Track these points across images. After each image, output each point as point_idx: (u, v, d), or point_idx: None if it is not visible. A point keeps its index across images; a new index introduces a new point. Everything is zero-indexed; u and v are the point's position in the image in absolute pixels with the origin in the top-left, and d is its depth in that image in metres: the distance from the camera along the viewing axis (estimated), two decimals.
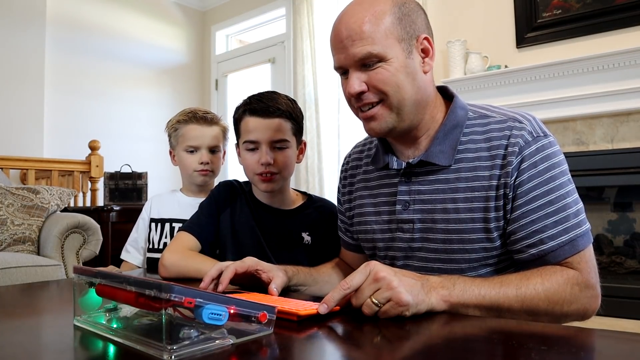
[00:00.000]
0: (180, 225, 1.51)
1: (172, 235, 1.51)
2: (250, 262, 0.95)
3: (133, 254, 1.59)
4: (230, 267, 0.92)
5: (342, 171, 1.16)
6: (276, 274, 0.93)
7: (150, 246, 1.55)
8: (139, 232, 1.60)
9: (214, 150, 1.53)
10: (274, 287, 0.89)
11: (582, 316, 0.83)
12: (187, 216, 1.49)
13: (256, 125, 1.23)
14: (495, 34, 3.10)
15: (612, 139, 2.68)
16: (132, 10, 4.50)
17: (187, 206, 1.52)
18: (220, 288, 0.90)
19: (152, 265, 1.54)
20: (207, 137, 1.51)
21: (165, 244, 1.51)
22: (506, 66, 2.98)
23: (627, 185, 2.72)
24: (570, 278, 0.81)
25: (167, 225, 1.54)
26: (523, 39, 2.98)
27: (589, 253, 0.85)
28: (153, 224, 1.56)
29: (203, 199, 1.49)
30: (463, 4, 3.24)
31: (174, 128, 1.54)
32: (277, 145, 1.24)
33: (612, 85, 2.61)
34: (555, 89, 2.78)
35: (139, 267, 1.58)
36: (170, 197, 1.60)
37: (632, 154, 2.59)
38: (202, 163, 1.50)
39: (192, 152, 1.51)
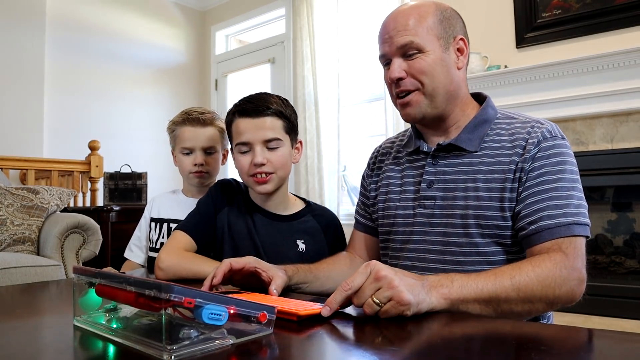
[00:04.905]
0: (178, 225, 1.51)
1: (169, 235, 1.51)
2: (248, 259, 0.95)
3: (136, 252, 1.60)
4: (226, 262, 0.93)
5: (370, 158, 1.24)
6: (276, 274, 0.93)
7: (151, 245, 1.56)
8: (141, 231, 1.61)
9: (209, 151, 1.52)
10: (274, 289, 0.89)
11: (571, 299, 0.85)
12: (184, 216, 1.50)
13: (246, 126, 1.20)
14: (495, 34, 3.10)
15: (612, 139, 2.68)
16: (132, 10, 4.50)
17: (186, 207, 1.52)
18: (215, 281, 0.90)
19: (150, 263, 1.54)
20: (200, 139, 1.50)
21: (162, 244, 1.51)
22: (506, 66, 2.98)
23: (627, 185, 2.72)
24: (559, 262, 0.85)
25: (165, 225, 1.54)
26: (523, 39, 2.98)
27: (580, 242, 0.89)
28: (153, 224, 1.57)
29: None
30: (463, 4, 3.24)
31: (171, 130, 1.55)
32: (269, 144, 1.20)
33: (612, 85, 2.61)
34: (555, 89, 2.78)
35: (142, 266, 1.59)
36: (170, 198, 1.60)
37: (631, 154, 2.58)
38: (196, 164, 1.50)
39: (187, 153, 1.51)
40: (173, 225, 1.52)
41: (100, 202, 3.55)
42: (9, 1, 3.67)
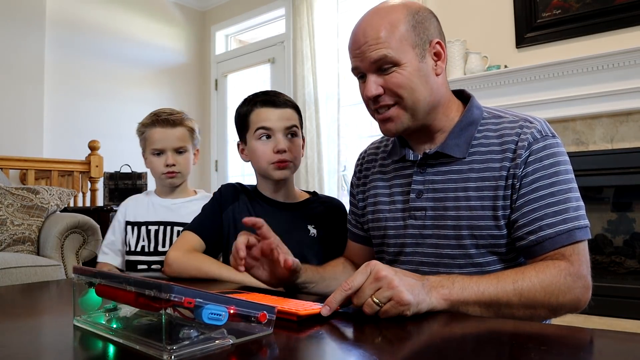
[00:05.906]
0: (156, 228, 1.52)
1: (149, 238, 1.52)
2: (275, 237, 0.94)
3: (111, 255, 1.57)
4: (245, 236, 0.92)
5: (356, 165, 1.21)
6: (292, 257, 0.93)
7: (127, 249, 1.54)
8: (116, 236, 1.57)
9: (180, 151, 1.53)
10: (291, 259, 0.90)
11: (576, 307, 0.84)
12: (162, 218, 1.52)
13: (269, 115, 1.26)
14: (494, 34, 3.10)
15: (612, 139, 2.68)
16: (132, 10, 4.50)
17: (160, 208, 1.53)
18: (241, 254, 0.89)
19: (131, 267, 1.53)
20: (170, 139, 1.51)
21: (143, 247, 1.51)
22: (506, 66, 2.98)
23: (627, 185, 2.72)
24: (563, 269, 0.83)
25: (144, 228, 1.53)
26: (523, 39, 2.98)
27: (583, 247, 0.87)
28: (129, 227, 1.55)
29: (176, 200, 1.53)
30: (463, 4, 3.24)
31: (141, 132, 1.55)
32: (289, 133, 1.27)
33: (612, 85, 2.61)
34: (555, 89, 2.78)
35: (119, 269, 1.56)
36: (144, 200, 1.59)
37: (631, 154, 2.59)
38: (167, 165, 1.50)
39: (158, 154, 1.52)
40: (151, 228, 1.52)
41: (100, 202, 3.55)
42: (9, 1, 3.67)
